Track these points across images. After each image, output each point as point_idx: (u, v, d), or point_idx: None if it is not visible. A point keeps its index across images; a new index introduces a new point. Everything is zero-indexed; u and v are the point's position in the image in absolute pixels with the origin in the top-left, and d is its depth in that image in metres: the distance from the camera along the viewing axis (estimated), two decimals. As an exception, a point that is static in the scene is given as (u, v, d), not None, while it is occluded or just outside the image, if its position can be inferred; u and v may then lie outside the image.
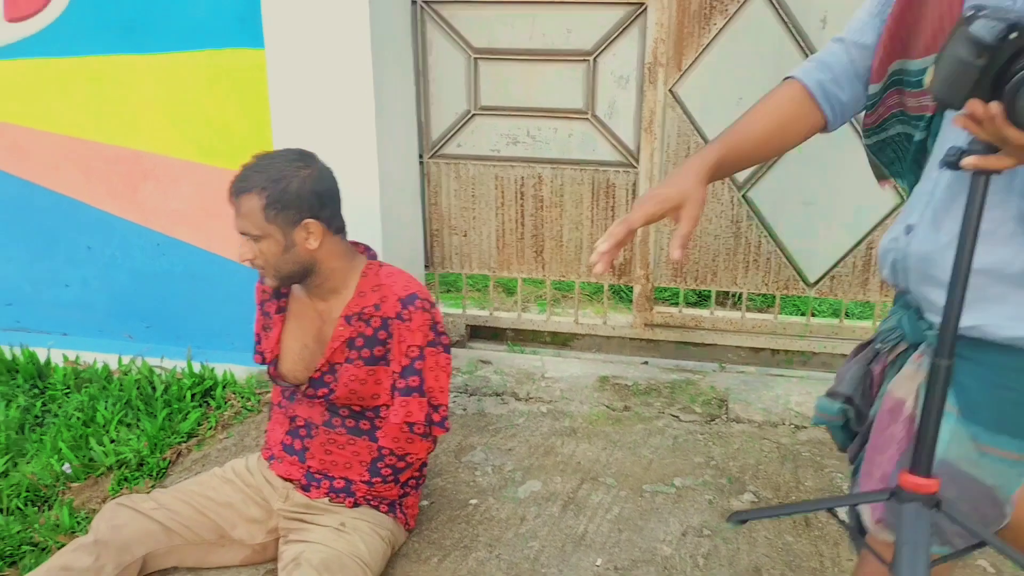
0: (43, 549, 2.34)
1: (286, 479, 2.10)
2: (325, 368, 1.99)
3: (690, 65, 2.84)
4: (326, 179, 1.92)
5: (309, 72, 2.66)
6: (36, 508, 2.54)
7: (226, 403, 2.97)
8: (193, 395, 3.04)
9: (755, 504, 2.30)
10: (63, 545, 2.33)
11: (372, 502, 2.07)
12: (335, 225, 1.94)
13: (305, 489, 2.07)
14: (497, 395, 2.93)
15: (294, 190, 1.83)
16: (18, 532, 2.39)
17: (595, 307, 3.66)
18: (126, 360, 3.19)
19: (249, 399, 2.97)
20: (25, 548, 2.34)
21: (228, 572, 2.05)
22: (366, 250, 2.08)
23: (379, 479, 2.06)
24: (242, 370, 3.09)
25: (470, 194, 3.17)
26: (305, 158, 1.92)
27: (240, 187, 1.84)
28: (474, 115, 3.06)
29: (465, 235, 3.23)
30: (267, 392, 3.03)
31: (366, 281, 1.99)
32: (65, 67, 2.95)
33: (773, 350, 3.17)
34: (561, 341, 3.39)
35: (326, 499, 2.05)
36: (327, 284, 1.98)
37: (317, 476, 2.07)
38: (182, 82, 2.85)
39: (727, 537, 2.15)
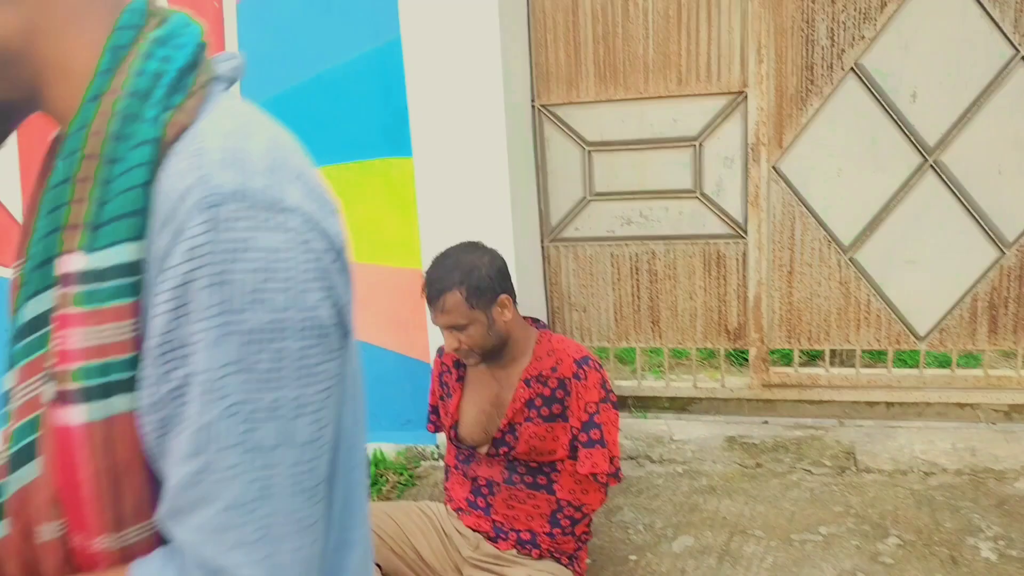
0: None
1: (475, 530, 2.32)
2: (506, 428, 2.22)
3: (791, 143, 3.10)
4: (499, 258, 2.20)
5: (452, 174, 2.99)
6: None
7: (381, 479, 3.23)
8: (347, 474, 3.30)
9: (901, 547, 2.44)
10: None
11: (555, 554, 2.28)
12: (514, 297, 2.21)
13: (494, 540, 2.28)
14: (632, 459, 3.13)
15: (485, 275, 2.11)
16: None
17: (709, 371, 3.85)
18: (283, 445, 3.48)
19: (402, 474, 3.22)
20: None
21: (428, 628, 2.26)
22: (534, 322, 2.34)
23: (559, 530, 2.26)
24: (390, 448, 3.35)
25: (588, 272, 3.43)
26: (477, 246, 2.21)
27: (439, 289, 2.10)
28: (589, 201, 3.35)
29: (584, 310, 3.48)
30: (417, 467, 3.28)
31: (541, 347, 2.24)
32: (228, 185, 3.33)
33: (888, 403, 3.32)
34: (679, 406, 3.58)
35: (514, 551, 2.26)
36: (511, 353, 2.23)
37: (504, 528, 2.28)
38: (335, 190, 3.19)
39: (881, 578, 2.31)
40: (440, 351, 2.38)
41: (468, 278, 2.09)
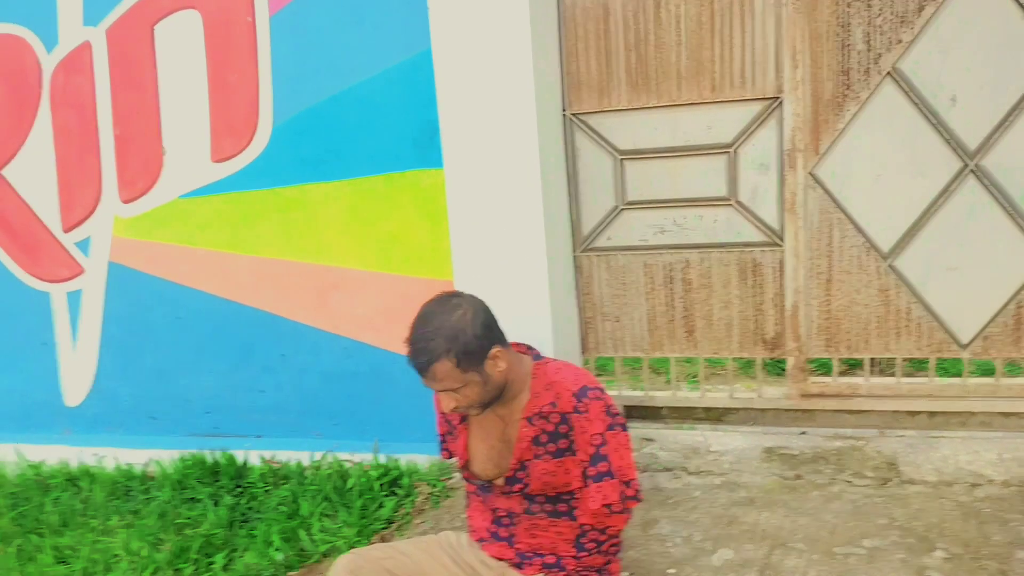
0: (280, 630, 2.59)
1: (499, 559, 2.29)
2: (517, 466, 2.17)
3: (827, 149, 3.06)
4: (481, 307, 2.05)
5: (483, 185, 2.99)
6: (262, 596, 2.81)
7: (415, 490, 3.22)
8: (381, 485, 3.30)
9: (947, 560, 2.38)
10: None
11: (582, 572, 2.24)
12: (505, 341, 2.11)
13: (519, 567, 2.25)
14: (668, 470, 3.09)
15: (471, 336, 1.97)
16: (253, 617, 2.65)
17: (744, 382, 3.80)
18: (317, 456, 3.49)
19: (435, 486, 3.21)
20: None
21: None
22: (527, 350, 2.24)
23: (585, 553, 2.22)
24: (424, 459, 3.34)
25: (620, 282, 3.41)
26: (455, 300, 2.05)
27: (426, 360, 1.96)
28: (622, 210, 3.33)
29: (617, 320, 3.45)
30: (450, 479, 3.26)
31: (537, 382, 2.15)
32: (262, 198, 3.36)
33: (930, 413, 3.25)
34: (715, 416, 3.53)
35: (540, 574, 2.23)
36: (510, 391, 2.13)
37: (528, 555, 2.25)
38: (366, 202, 3.22)
39: (928, 593, 2.25)
40: None
41: (455, 344, 1.96)
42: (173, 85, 3.41)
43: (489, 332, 2.04)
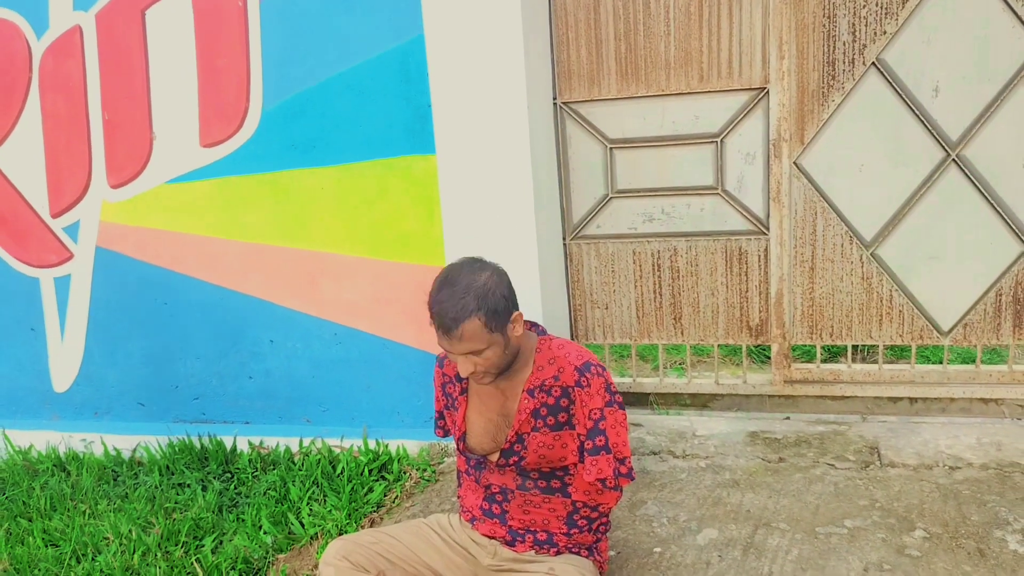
0: (272, 611, 2.61)
1: (491, 537, 2.32)
2: (514, 439, 2.21)
3: (812, 139, 3.11)
4: (503, 272, 2.10)
5: (475, 171, 3.02)
6: (252, 578, 2.82)
7: (404, 475, 3.25)
8: (370, 470, 3.32)
9: (927, 540, 2.44)
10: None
11: (573, 549, 2.28)
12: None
13: (511, 544, 2.28)
14: (655, 454, 3.14)
15: (500, 296, 2.00)
16: (243, 598, 2.67)
17: (730, 368, 3.86)
18: (306, 442, 3.51)
19: (425, 470, 3.24)
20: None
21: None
22: (532, 326, 2.28)
23: (576, 530, 2.26)
24: (414, 444, 3.37)
25: (610, 270, 3.44)
26: (481, 263, 2.07)
27: (456, 318, 1.97)
28: (611, 198, 3.36)
29: (606, 308, 3.49)
30: (440, 464, 3.29)
31: (541, 356, 2.19)
32: (251, 183, 3.37)
33: (911, 399, 3.31)
34: (701, 403, 3.58)
35: (532, 552, 2.26)
36: (514, 365, 2.18)
37: (520, 532, 2.28)
38: (357, 188, 3.24)
39: (908, 571, 2.30)
40: (441, 361, 2.33)
41: (485, 303, 1.98)
42: (163, 70, 3.41)
43: (512, 294, 2.08)
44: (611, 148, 3.31)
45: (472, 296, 1.99)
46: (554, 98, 3.30)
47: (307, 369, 3.50)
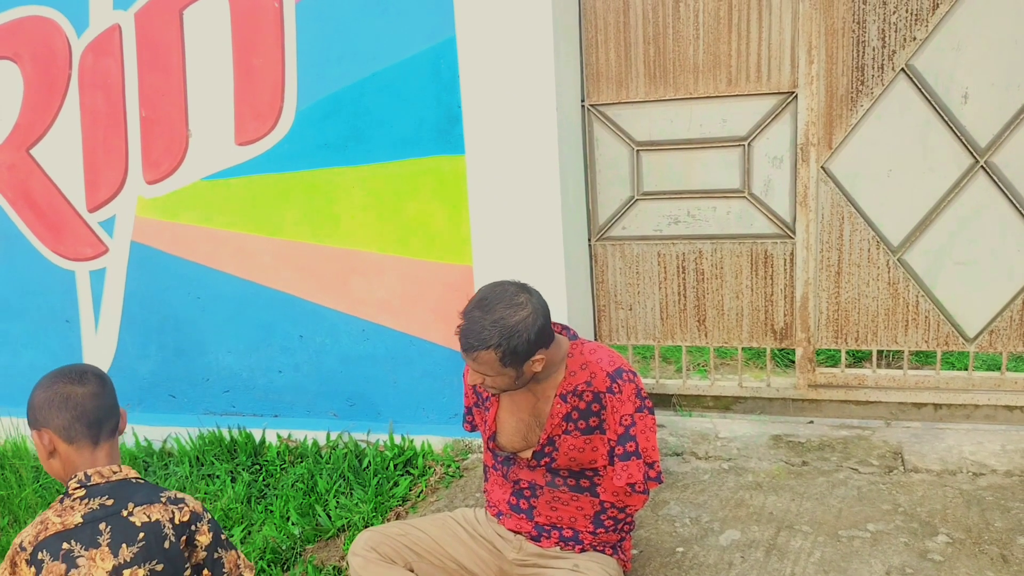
0: (299, 601, 2.66)
1: (517, 532, 2.35)
2: (546, 441, 2.24)
3: (840, 143, 3.12)
4: (543, 311, 2.07)
5: (504, 172, 3.06)
6: (280, 568, 2.88)
7: (429, 470, 3.29)
8: (396, 465, 3.37)
9: (950, 545, 2.44)
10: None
11: (598, 547, 2.31)
12: (551, 340, 2.13)
13: (536, 540, 2.31)
14: (677, 455, 3.16)
15: (524, 340, 2.02)
16: (271, 588, 2.72)
17: (752, 372, 3.87)
18: (333, 436, 3.57)
19: (450, 466, 3.28)
20: (283, 601, 2.67)
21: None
22: (563, 330, 2.30)
23: (602, 529, 2.29)
24: (438, 440, 3.42)
25: (634, 271, 3.47)
26: (522, 297, 2.07)
27: (474, 344, 2.02)
28: (637, 200, 3.39)
29: (630, 308, 3.52)
30: (464, 460, 3.34)
31: (574, 360, 2.21)
32: (284, 181, 3.44)
33: (936, 405, 3.31)
34: (724, 405, 3.60)
35: (557, 548, 2.30)
36: (543, 372, 2.19)
37: (547, 528, 2.32)
38: (387, 188, 3.29)
39: (930, 575, 2.31)
40: None
41: (507, 341, 2.01)
42: (199, 69, 3.48)
43: (540, 338, 2.07)
44: (638, 150, 3.34)
45: (497, 331, 2.02)
46: (582, 100, 3.33)
47: (335, 364, 3.56)
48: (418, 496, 3.14)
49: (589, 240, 3.47)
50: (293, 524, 3.04)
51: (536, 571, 2.27)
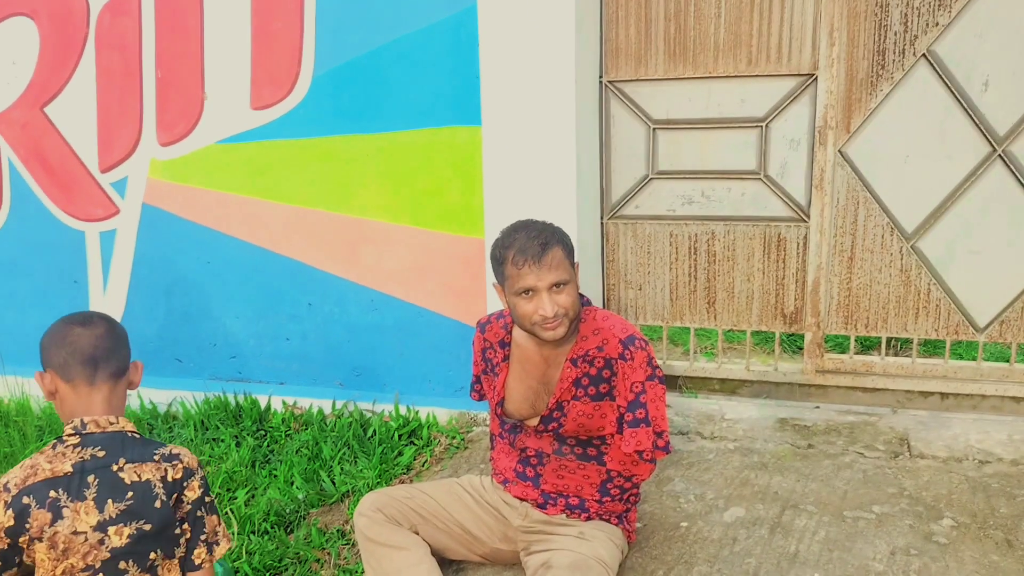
0: (302, 561, 2.67)
1: (523, 499, 2.36)
2: (554, 406, 2.25)
3: (858, 127, 3.10)
4: None
5: (519, 145, 3.05)
6: (283, 530, 2.89)
7: (434, 440, 3.30)
8: (400, 435, 3.37)
9: (955, 528, 2.45)
10: (319, 559, 2.66)
11: (603, 516, 2.31)
12: None
13: (542, 507, 2.32)
14: (683, 434, 3.16)
15: (568, 238, 2.18)
16: (275, 549, 2.73)
17: (759, 356, 3.86)
18: (339, 405, 3.57)
19: (454, 438, 3.29)
20: (287, 561, 2.68)
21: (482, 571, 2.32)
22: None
23: (608, 498, 2.30)
24: (443, 412, 3.42)
25: (646, 251, 3.46)
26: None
27: (544, 245, 2.08)
28: (651, 179, 3.38)
29: (640, 288, 3.51)
30: (469, 432, 3.34)
31: (586, 326, 2.23)
32: (299, 147, 3.42)
33: (943, 394, 3.30)
34: (730, 388, 3.59)
35: (563, 515, 2.30)
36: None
37: (553, 495, 2.32)
38: (402, 157, 3.28)
39: (934, 556, 2.31)
40: (482, 327, 2.39)
41: (564, 236, 2.15)
42: (217, 31, 3.46)
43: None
44: (654, 128, 3.33)
45: (551, 231, 2.13)
46: (600, 76, 3.32)
47: (342, 333, 3.56)
48: (422, 466, 3.15)
49: (601, 218, 3.46)
50: (297, 488, 3.05)
51: (541, 538, 2.28)
